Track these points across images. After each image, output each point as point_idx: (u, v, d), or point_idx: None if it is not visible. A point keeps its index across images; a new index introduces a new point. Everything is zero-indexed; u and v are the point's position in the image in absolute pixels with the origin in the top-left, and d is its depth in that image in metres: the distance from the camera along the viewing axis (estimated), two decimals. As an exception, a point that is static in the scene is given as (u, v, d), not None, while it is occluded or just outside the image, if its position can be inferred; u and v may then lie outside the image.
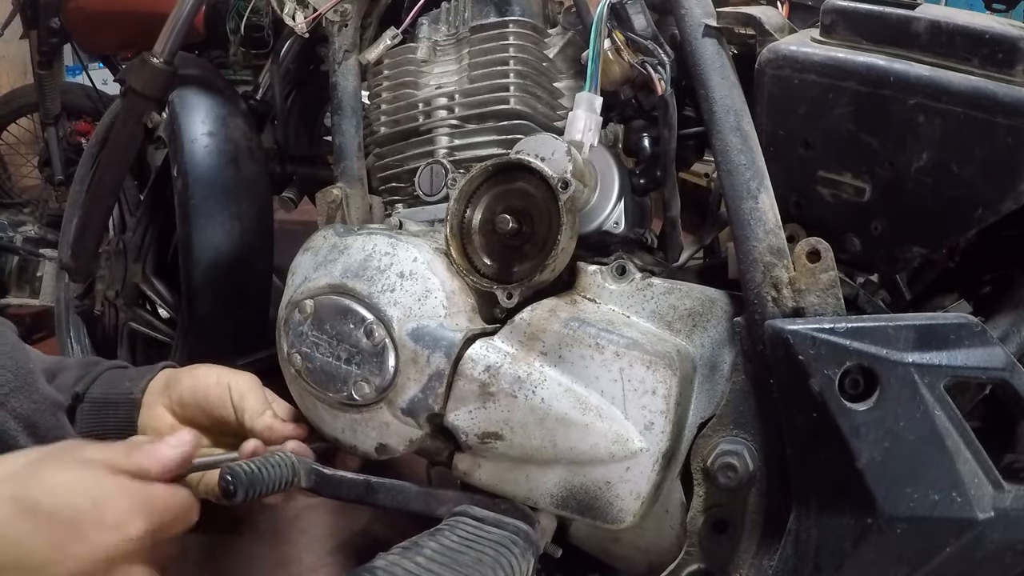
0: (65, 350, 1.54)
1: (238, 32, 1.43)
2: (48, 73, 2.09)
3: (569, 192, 0.72)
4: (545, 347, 0.73)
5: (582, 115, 0.77)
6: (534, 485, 0.74)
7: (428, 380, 0.75)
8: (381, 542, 0.68)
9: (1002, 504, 0.64)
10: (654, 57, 0.77)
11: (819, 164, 0.72)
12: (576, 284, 0.80)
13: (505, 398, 0.73)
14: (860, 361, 0.64)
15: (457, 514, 0.74)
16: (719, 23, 0.75)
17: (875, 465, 0.64)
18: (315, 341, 0.78)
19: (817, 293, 0.68)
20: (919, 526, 0.64)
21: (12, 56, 3.24)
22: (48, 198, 2.13)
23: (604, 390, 0.71)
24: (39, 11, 1.99)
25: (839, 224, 0.73)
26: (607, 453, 0.70)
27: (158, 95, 1.21)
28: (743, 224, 0.71)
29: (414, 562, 0.65)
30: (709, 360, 0.75)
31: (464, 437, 0.75)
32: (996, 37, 0.65)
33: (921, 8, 0.69)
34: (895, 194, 0.69)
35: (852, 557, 0.66)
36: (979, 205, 0.67)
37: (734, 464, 0.71)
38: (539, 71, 0.87)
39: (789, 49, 0.71)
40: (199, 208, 1.16)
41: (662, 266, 0.82)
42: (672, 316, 0.77)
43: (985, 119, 0.64)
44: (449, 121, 0.89)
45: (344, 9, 0.94)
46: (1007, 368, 0.64)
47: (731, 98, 0.73)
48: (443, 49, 0.93)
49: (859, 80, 0.68)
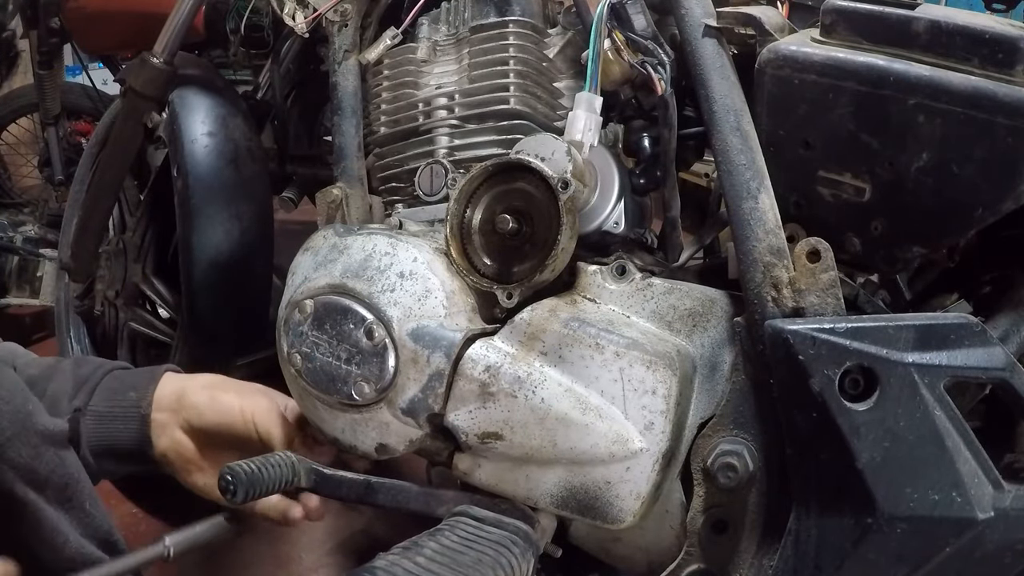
0: (65, 350, 1.54)
1: (238, 32, 1.43)
2: (48, 73, 2.09)
3: (569, 192, 0.72)
4: (545, 347, 0.73)
5: (582, 115, 0.77)
6: (534, 485, 0.74)
7: (428, 380, 0.75)
8: (381, 542, 0.68)
9: (1002, 504, 0.64)
10: (654, 57, 0.77)
11: (819, 164, 0.72)
12: (576, 284, 0.80)
13: (505, 398, 0.73)
14: (860, 361, 0.64)
15: (457, 514, 0.74)
16: (719, 23, 0.75)
17: (875, 465, 0.64)
18: (315, 341, 0.78)
19: (817, 293, 0.68)
20: (919, 526, 0.64)
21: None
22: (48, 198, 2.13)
23: (604, 390, 0.71)
24: (39, 11, 1.99)
25: (839, 224, 0.73)
26: (607, 453, 0.70)
27: (158, 95, 1.21)
28: (743, 224, 0.71)
29: (414, 562, 0.65)
30: (709, 360, 0.75)
31: (464, 437, 0.75)
32: (996, 37, 0.65)
33: (921, 8, 0.69)
34: (895, 194, 0.69)
35: (852, 557, 0.66)
36: (979, 205, 0.67)
37: (734, 464, 0.71)
38: (539, 71, 0.87)
39: (789, 49, 0.71)
40: (199, 208, 1.16)
41: (662, 266, 0.82)
42: (672, 316, 0.77)
43: (985, 119, 0.64)
44: (449, 121, 0.89)
45: (344, 9, 0.94)
46: (1007, 368, 0.64)
47: (731, 98, 0.73)
48: (443, 49, 0.93)
49: (859, 80, 0.68)
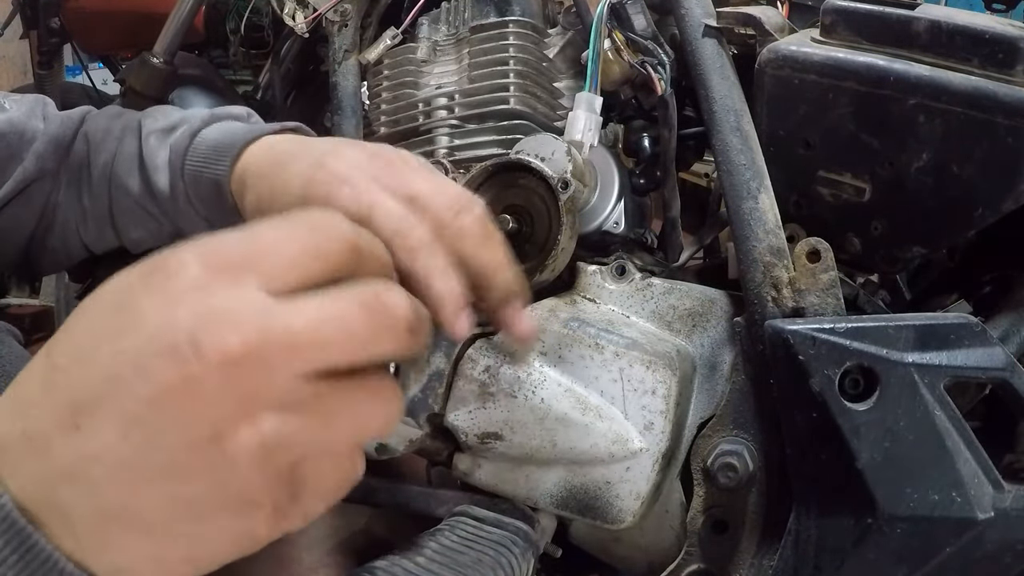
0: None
1: (238, 32, 1.43)
2: (48, 73, 2.08)
3: (569, 192, 0.72)
4: (545, 347, 0.73)
5: (582, 115, 0.77)
6: (534, 485, 0.74)
7: (428, 380, 0.75)
8: (381, 542, 0.68)
9: (1002, 504, 0.64)
10: (654, 57, 0.77)
11: (819, 164, 0.72)
12: (576, 284, 0.80)
13: (505, 398, 0.73)
14: (860, 361, 0.64)
15: (457, 514, 0.74)
16: (719, 23, 0.75)
17: (875, 465, 0.64)
18: (315, 341, 0.78)
19: (817, 293, 0.68)
20: (919, 526, 0.64)
21: (12, 56, 3.23)
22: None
23: (604, 390, 0.71)
24: (39, 11, 1.99)
25: (839, 224, 0.73)
26: (607, 453, 0.70)
27: (158, 95, 1.21)
28: (743, 224, 0.71)
29: (414, 562, 0.65)
30: (709, 360, 0.75)
31: (464, 437, 0.75)
32: (996, 37, 0.65)
33: (921, 8, 0.69)
34: (895, 194, 0.69)
35: (852, 557, 0.66)
36: (979, 205, 0.66)
37: (734, 464, 0.71)
38: (539, 71, 0.87)
39: (789, 49, 0.71)
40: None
41: (662, 266, 0.82)
42: (672, 316, 0.77)
43: (985, 119, 0.64)
44: (449, 121, 0.89)
45: (344, 9, 0.94)
46: (1007, 368, 0.64)
47: (731, 98, 0.73)
48: (443, 49, 0.93)
49: (859, 80, 0.68)
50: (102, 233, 0.71)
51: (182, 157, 0.64)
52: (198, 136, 0.64)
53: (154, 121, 0.68)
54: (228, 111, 0.68)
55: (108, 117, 0.71)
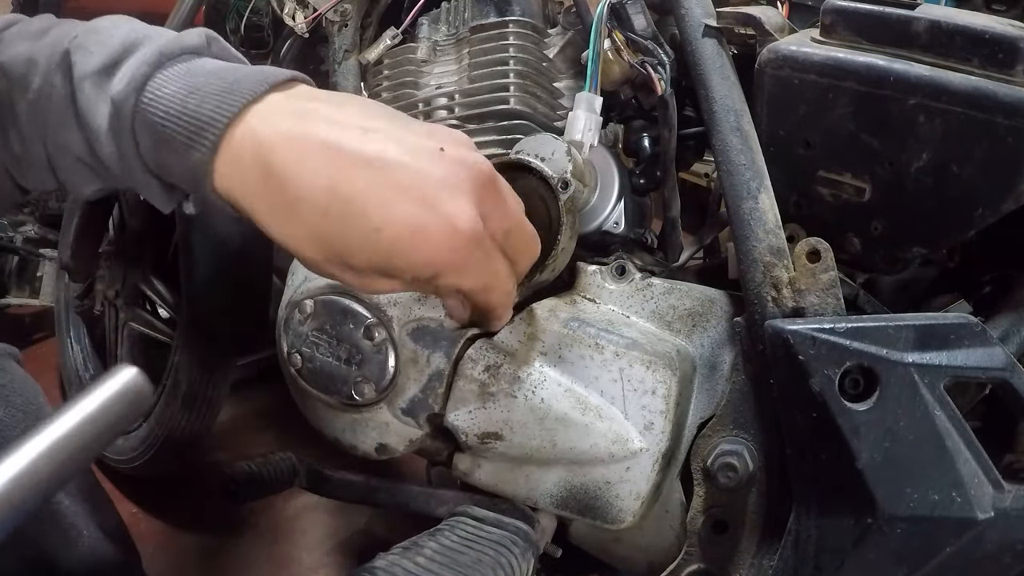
0: (65, 350, 1.54)
1: (238, 32, 1.43)
2: (48, 73, 2.08)
3: (569, 192, 0.72)
4: (545, 347, 0.73)
5: (582, 115, 0.77)
6: (534, 485, 0.74)
7: (428, 380, 0.75)
8: (381, 542, 0.68)
9: (1002, 504, 0.64)
10: (654, 57, 0.77)
11: (819, 164, 0.72)
12: (576, 284, 0.80)
13: (505, 398, 0.73)
14: (860, 361, 0.64)
15: (457, 514, 0.74)
16: (719, 23, 0.75)
17: (875, 465, 0.64)
18: (315, 341, 0.78)
19: (817, 293, 0.68)
20: (919, 526, 0.64)
21: (12, 56, 3.23)
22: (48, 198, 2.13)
23: (604, 390, 0.71)
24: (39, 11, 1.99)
25: (839, 224, 0.73)
26: (607, 453, 0.70)
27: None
28: (743, 224, 0.71)
29: (414, 562, 0.65)
30: (709, 360, 0.75)
31: (464, 437, 0.75)
32: (996, 37, 0.65)
33: (921, 8, 0.69)
34: (895, 194, 0.69)
35: (852, 557, 0.66)
36: (979, 205, 0.66)
37: (734, 464, 0.71)
38: (539, 71, 0.87)
39: (789, 49, 0.71)
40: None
41: (662, 266, 0.82)
42: (672, 316, 0.77)
43: (985, 119, 0.64)
44: (449, 121, 0.89)
45: (344, 9, 0.94)
46: (1007, 368, 0.64)
47: (731, 98, 0.73)
48: (443, 49, 0.93)
49: (859, 80, 0.68)
50: (42, 181, 0.56)
51: (130, 120, 0.48)
52: (147, 89, 0.48)
53: (86, 55, 0.50)
54: (180, 41, 0.51)
55: (29, 37, 0.53)
